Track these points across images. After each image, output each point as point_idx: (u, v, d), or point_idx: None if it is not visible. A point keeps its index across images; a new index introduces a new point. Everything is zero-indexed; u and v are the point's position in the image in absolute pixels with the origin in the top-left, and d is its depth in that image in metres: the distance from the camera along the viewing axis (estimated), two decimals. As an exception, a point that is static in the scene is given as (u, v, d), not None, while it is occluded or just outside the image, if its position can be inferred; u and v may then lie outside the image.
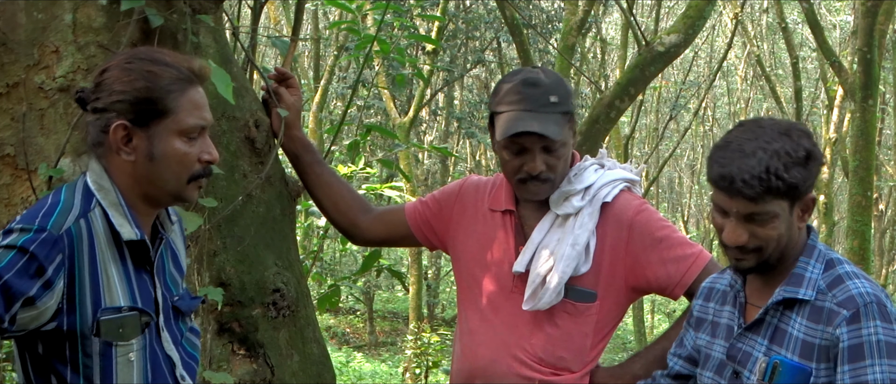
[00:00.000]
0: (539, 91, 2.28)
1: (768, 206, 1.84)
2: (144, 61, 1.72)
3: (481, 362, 2.39)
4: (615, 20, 17.70)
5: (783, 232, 1.88)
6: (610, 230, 2.34)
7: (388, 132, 3.46)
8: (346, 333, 16.45)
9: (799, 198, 1.87)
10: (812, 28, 11.42)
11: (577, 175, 2.36)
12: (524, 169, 2.29)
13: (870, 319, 1.82)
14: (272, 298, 2.51)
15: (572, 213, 2.32)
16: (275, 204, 2.60)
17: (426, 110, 15.05)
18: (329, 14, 14.38)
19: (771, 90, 16.19)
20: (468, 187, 2.55)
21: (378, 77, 11.25)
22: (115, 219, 1.72)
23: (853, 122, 9.03)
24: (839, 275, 1.90)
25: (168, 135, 1.72)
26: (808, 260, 1.93)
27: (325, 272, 13.56)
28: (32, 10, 2.18)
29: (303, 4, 3.14)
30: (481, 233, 2.46)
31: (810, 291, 1.90)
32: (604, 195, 2.33)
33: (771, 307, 1.94)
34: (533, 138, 2.26)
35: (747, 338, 1.97)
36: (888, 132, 19.01)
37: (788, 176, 1.81)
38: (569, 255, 2.28)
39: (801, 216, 1.91)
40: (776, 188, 1.81)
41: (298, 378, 2.55)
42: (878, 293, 1.87)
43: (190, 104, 1.74)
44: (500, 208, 2.43)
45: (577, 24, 8.55)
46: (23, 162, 2.16)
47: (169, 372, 1.80)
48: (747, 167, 1.81)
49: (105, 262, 1.71)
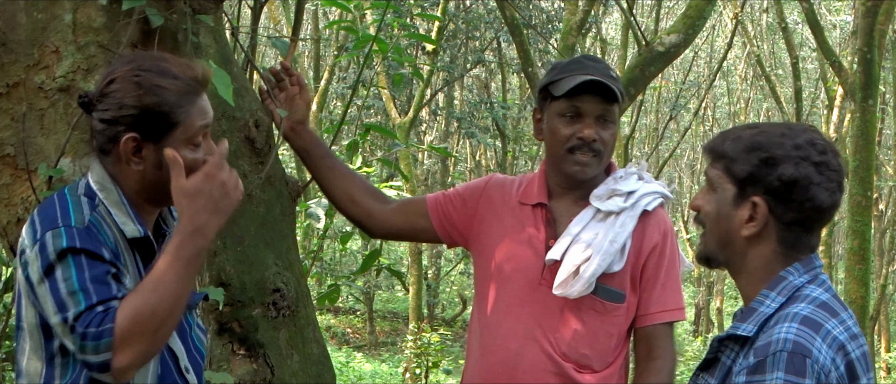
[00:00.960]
0: (601, 64, 2.38)
1: (713, 172, 1.80)
2: (151, 73, 1.74)
3: (506, 355, 2.38)
4: (615, 20, 17.71)
5: (713, 210, 1.80)
6: (645, 238, 2.37)
7: (387, 132, 3.46)
8: (346, 333, 16.45)
9: (746, 186, 1.75)
10: (812, 28, 11.42)
11: (622, 178, 2.40)
12: (577, 135, 2.32)
13: (774, 370, 1.60)
14: (272, 298, 2.51)
15: (615, 212, 2.35)
16: (275, 204, 2.60)
17: (426, 110, 15.05)
18: (329, 14, 14.38)
19: (771, 90, 16.19)
20: (494, 183, 2.56)
21: (378, 77, 11.25)
22: (119, 218, 1.76)
23: (853, 122, 9.04)
24: (781, 314, 1.71)
25: (177, 145, 1.75)
26: (768, 292, 1.76)
27: (325, 272, 13.57)
28: (32, 10, 2.18)
29: (303, 4, 3.14)
30: (509, 226, 2.46)
31: (751, 327, 1.73)
32: (646, 203, 2.37)
33: (718, 343, 1.82)
34: (592, 103, 2.31)
35: (702, 379, 1.85)
36: (888, 132, 19.01)
37: (729, 149, 1.76)
38: (606, 251, 2.30)
39: (746, 221, 1.76)
40: (718, 153, 1.79)
41: (298, 378, 2.55)
42: (805, 341, 1.62)
43: (197, 113, 1.77)
44: (532, 202, 2.44)
45: (577, 24, 8.55)
46: (23, 162, 2.16)
47: (172, 364, 1.82)
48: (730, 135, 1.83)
49: (123, 254, 1.75)
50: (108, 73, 1.78)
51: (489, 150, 17.83)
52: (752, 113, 21.66)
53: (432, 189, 17.93)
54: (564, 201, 2.42)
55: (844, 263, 9.38)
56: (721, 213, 1.79)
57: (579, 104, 2.32)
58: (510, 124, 15.43)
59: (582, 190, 2.40)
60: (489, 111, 14.62)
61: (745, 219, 1.76)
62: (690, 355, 16.33)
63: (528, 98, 14.69)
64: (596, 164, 2.35)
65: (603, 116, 2.33)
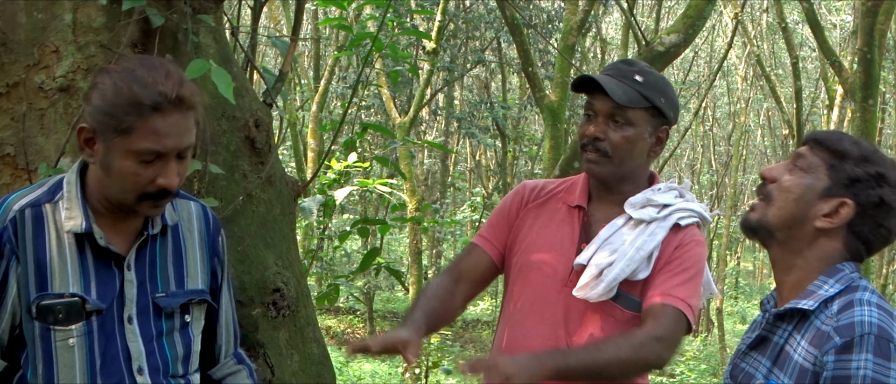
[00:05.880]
0: (628, 66, 2.36)
1: (813, 158, 1.86)
2: (129, 76, 1.74)
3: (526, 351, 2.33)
4: (615, 20, 17.71)
5: (796, 190, 1.86)
6: (674, 251, 2.33)
7: (385, 130, 3.46)
8: (346, 333, 16.45)
9: (843, 187, 1.82)
10: (812, 28, 11.41)
11: (661, 191, 2.38)
12: (586, 133, 2.33)
13: (862, 351, 1.65)
14: (272, 298, 2.51)
15: (646, 220, 2.33)
16: (275, 204, 2.60)
17: (426, 110, 15.04)
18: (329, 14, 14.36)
19: (771, 90, 16.17)
20: (528, 187, 2.54)
21: (379, 77, 11.24)
22: (66, 212, 1.81)
23: (853, 122, 9.03)
24: (852, 299, 1.76)
25: (121, 153, 1.76)
26: (827, 279, 1.82)
27: (324, 272, 13.57)
28: (32, 9, 2.18)
29: (303, 4, 3.14)
30: (545, 223, 2.45)
31: (813, 302, 1.78)
32: (678, 217, 2.34)
33: (771, 322, 1.87)
34: (602, 103, 2.30)
35: (752, 358, 1.90)
36: (888, 132, 19.00)
37: (848, 147, 1.82)
38: (632, 257, 2.28)
39: (824, 215, 1.83)
40: (829, 145, 1.85)
41: (298, 378, 2.55)
42: (887, 326, 1.69)
43: (148, 130, 1.73)
44: (573, 203, 2.43)
45: (577, 24, 8.55)
46: (23, 162, 2.16)
47: (124, 363, 1.84)
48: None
49: (53, 251, 1.79)
50: (106, 68, 1.84)
51: (489, 150, 17.83)
52: (752, 113, 21.65)
53: (432, 188, 17.93)
54: (602, 207, 2.41)
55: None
56: (804, 197, 1.83)
57: (593, 102, 2.33)
58: (510, 124, 15.43)
59: (620, 196, 2.38)
60: (489, 111, 14.62)
61: (825, 213, 1.82)
62: (690, 355, 16.30)
63: (529, 98, 14.68)
64: (605, 164, 2.33)
65: (613, 117, 2.31)
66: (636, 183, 2.40)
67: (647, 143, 2.35)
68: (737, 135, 19.62)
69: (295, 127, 12.24)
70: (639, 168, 2.39)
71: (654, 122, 2.34)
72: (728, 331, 17.48)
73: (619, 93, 2.29)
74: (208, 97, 2.44)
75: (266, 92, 2.78)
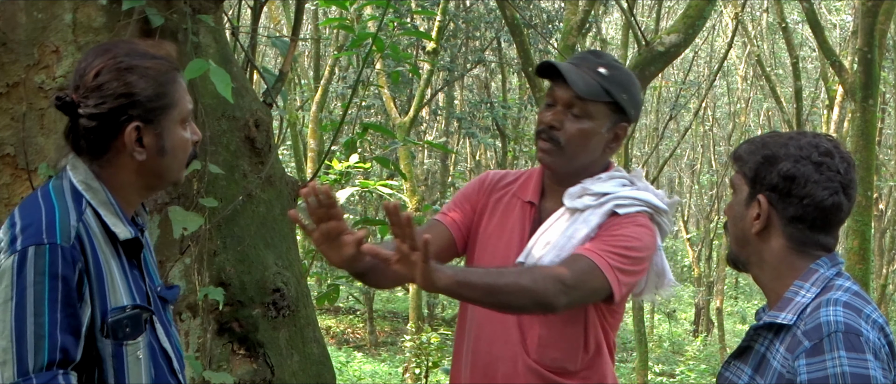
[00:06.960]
0: (595, 58, 2.32)
1: (735, 176, 1.89)
2: (134, 56, 1.72)
3: (490, 358, 2.33)
4: (615, 20, 17.71)
5: (732, 212, 1.90)
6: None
7: (385, 130, 3.47)
8: (346, 333, 16.45)
9: (755, 185, 1.85)
10: (812, 28, 11.42)
11: (601, 180, 2.33)
12: (542, 121, 2.29)
13: (833, 350, 1.66)
14: (272, 298, 2.51)
15: (581, 209, 2.29)
16: (275, 204, 2.60)
17: (426, 110, 15.04)
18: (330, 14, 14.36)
19: (771, 90, 16.17)
20: (492, 177, 2.50)
21: (379, 77, 11.24)
22: (108, 219, 1.72)
23: (853, 122, 9.03)
24: (821, 301, 1.76)
25: (174, 126, 1.75)
26: (802, 283, 1.82)
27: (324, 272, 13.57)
28: (32, 9, 2.18)
29: (303, 4, 3.14)
30: (501, 219, 2.41)
31: (791, 316, 1.78)
32: (615, 205, 2.28)
33: (753, 332, 1.88)
34: (563, 92, 2.25)
35: (735, 367, 1.91)
36: (888, 132, 19.00)
37: (743, 151, 1.87)
38: (563, 246, 2.24)
39: (754, 219, 1.84)
40: (736, 156, 1.89)
41: (298, 378, 2.55)
42: (853, 322, 1.70)
43: (182, 92, 1.77)
44: (526, 198, 2.40)
45: (577, 24, 8.55)
46: (23, 162, 2.16)
47: (166, 365, 1.80)
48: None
49: (107, 262, 1.70)
50: (85, 68, 1.71)
51: (489, 150, 17.83)
52: (752, 113, 21.65)
53: (432, 189, 17.92)
54: (555, 201, 2.36)
55: (845, 263, 9.35)
56: (737, 214, 1.90)
57: (555, 89, 2.28)
58: (510, 124, 15.43)
59: (568, 187, 2.34)
60: (489, 111, 14.62)
61: (754, 217, 1.85)
62: (690, 355, 16.31)
63: (529, 98, 14.69)
64: (557, 154, 2.28)
65: (572, 107, 2.25)
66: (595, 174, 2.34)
67: (603, 137, 2.29)
68: (737, 135, 19.62)
69: (295, 127, 12.23)
70: (593, 163, 2.33)
71: (613, 118, 2.29)
72: (728, 331, 17.49)
73: (581, 84, 2.23)
74: (208, 97, 2.44)
75: (266, 92, 2.79)
